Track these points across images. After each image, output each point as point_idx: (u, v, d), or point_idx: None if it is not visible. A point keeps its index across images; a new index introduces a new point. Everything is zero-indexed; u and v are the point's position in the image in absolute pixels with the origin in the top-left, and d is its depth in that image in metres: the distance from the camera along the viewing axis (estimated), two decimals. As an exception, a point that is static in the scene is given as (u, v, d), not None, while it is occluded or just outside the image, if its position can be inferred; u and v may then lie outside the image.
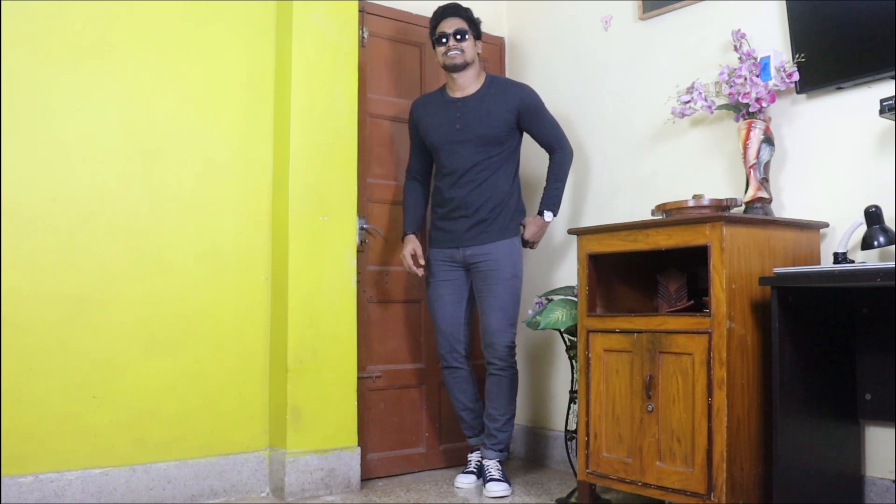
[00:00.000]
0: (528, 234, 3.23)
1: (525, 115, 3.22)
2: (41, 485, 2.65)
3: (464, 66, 3.19)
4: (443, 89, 3.32)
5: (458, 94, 3.24)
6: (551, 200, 3.25)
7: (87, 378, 2.77)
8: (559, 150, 3.27)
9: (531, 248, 3.33)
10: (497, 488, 3.10)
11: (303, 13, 3.15)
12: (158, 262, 2.94)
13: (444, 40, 3.18)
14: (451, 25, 3.19)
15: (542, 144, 3.30)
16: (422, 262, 3.27)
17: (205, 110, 3.07)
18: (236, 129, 3.14)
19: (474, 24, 3.24)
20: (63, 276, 2.75)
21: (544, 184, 3.28)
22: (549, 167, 3.29)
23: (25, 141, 2.71)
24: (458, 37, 3.17)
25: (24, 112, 2.71)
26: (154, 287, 2.92)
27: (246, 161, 3.16)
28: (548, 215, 3.25)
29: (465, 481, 3.27)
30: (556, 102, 3.65)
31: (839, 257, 2.48)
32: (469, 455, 3.37)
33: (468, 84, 3.24)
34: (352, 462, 3.16)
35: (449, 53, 3.17)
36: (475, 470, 3.30)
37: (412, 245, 3.27)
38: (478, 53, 3.25)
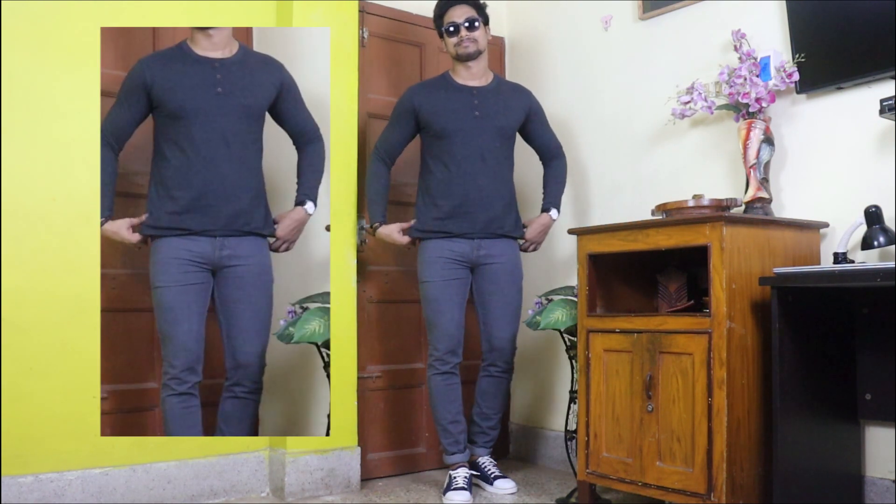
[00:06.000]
0: (531, 232, 3.15)
1: (533, 117, 3.22)
2: (41, 485, 2.65)
3: (477, 55, 3.10)
4: (445, 77, 3.18)
5: (474, 83, 3.15)
6: (556, 199, 3.21)
7: (87, 378, 2.77)
8: (561, 158, 3.28)
9: (533, 249, 3.25)
10: (508, 485, 3.11)
11: (303, 13, 3.15)
12: (158, 262, 2.93)
13: (454, 30, 3.07)
14: (460, 14, 3.06)
15: (542, 149, 3.27)
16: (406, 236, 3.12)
17: (205, 110, 3.07)
18: (236, 129, 3.14)
19: (482, 9, 3.12)
20: (63, 276, 2.74)
21: (543, 189, 3.25)
22: (551, 173, 3.26)
23: (25, 141, 2.71)
24: (469, 25, 3.05)
25: (24, 112, 2.71)
26: (154, 287, 2.92)
27: (246, 161, 3.15)
28: (553, 213, 3.19)
29: (461, 499, 2.97)
30: (555, 102, 3.65)
31: (839, 257, 2.48)
32: (454, 472, 3.07)
33: (481, 73, 3.16)
34: (352, 462, 3.16)
35: (462, 43, 3.06)
36: (466, 486, 3.02)
37: (392, 225, 3.11)
38: (488, 40, 3.14)
